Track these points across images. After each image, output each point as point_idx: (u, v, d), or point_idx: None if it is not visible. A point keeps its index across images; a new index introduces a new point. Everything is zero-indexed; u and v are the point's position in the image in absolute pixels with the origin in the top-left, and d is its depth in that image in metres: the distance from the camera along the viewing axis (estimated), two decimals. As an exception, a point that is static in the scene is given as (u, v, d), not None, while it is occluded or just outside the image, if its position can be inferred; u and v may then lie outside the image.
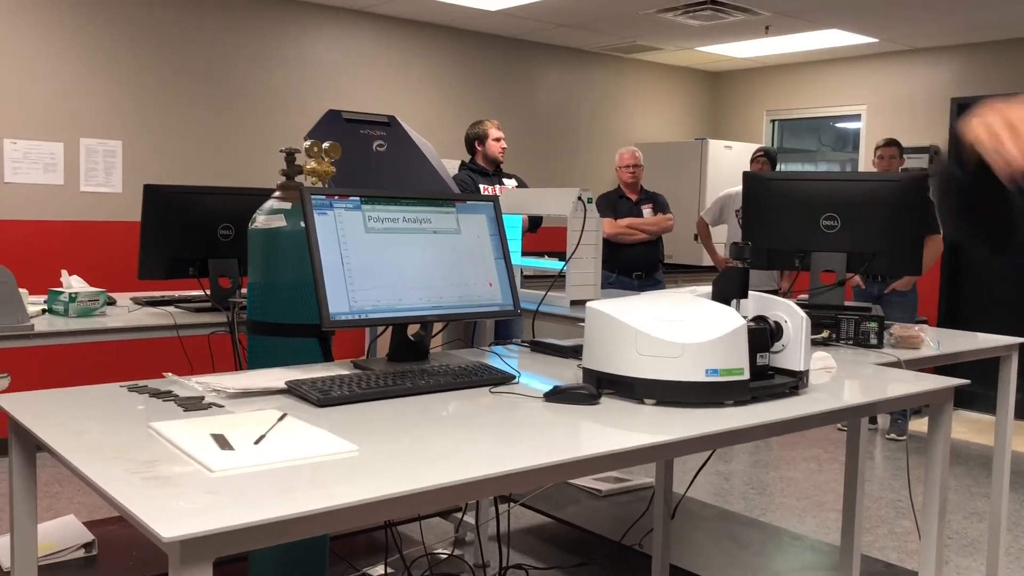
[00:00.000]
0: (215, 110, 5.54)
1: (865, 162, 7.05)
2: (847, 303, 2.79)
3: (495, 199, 2.19)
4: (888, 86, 7.07)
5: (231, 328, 2.62)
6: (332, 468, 1.25)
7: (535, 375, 1.96)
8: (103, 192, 5.15)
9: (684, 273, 6.83)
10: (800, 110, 7.71)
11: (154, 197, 2.84)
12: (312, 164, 2.42)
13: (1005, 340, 2.74)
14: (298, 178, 2.40)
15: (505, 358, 2.14)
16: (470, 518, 3.51)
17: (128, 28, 5.21)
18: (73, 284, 2.75)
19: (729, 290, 1.84)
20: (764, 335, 1.79)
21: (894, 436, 5.65)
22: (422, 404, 1.66)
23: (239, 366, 2.52)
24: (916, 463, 4.99)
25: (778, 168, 6.16)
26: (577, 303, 3.05)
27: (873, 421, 5.89)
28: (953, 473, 4.92)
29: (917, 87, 6.90)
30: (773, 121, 7.95)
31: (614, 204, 5.45)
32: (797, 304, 1.85)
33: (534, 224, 4.73)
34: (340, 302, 1.85)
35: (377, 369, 1.87)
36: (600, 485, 3.90)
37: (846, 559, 2.63)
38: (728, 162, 7.23)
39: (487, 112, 6.16)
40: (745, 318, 1.73)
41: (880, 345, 2.50)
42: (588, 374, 1.78)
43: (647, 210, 5.54)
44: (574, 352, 2.14)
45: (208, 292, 2.87)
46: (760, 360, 1.76)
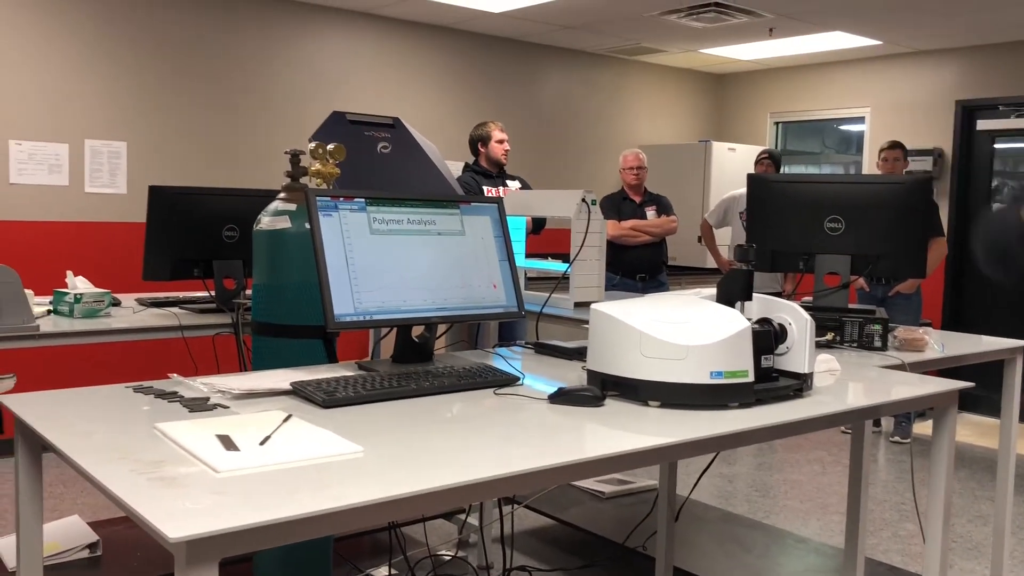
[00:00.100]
0: (219, 112, 5.56)
1: (869, 165, 7.04)
2: (851, 305, 2.79)
3: (499, 201, 2.19)
4: (892, 88, 7.06)
5: (236, 329, 2.62)
6: (337, 469, 1.26)
7: (539, 377, 1.97)
8: (108, 193, 5.16)
9: (688, 275, 6.82)
10: (804, 112, 7.70)
11: (159, 198, 2.85)
12: (317, 166, 2.43)
13: (1010, 343, 2.74)
14: (303, 180, 2.40)
15: (509, 360, 2.15)
16: (474, 520, 3.51)
17: (133, 30, 5.22)
18: (78, 285, 2.75)
19: (733, 292, 1.84)
20: (768, 337, 1.79)
21: (898, 439, 5.64)
22: (427, 405, 1.67)
23: (244, 367, 2.52)
24: (920, 466, 4.98)
25: (782, 170, 6.16)
26: (581, 305, 3.05)
27: (877, 424, 5.88)
28: (957, 476, 4.91)
29: (921, 89, 6.89)
30: (777, 123, 7.94)
31: (618, 206, 5.45)
32: (801, 306, 1.85)
33: (538, 226, 4.73)
34: (345, 303, 1.85)
35: (382, 370, 1.88)
36: (603, 487, 3.90)
37: (850, 562, 2.63)
38: (732, 164, 7.23)
39: (491, 114, 6.16)
40: (749, 320, 1.73)
41: (884, 348, 2.50)
42: (592, 376, 1.78)
43: (651, 212, 5.53)
44: (578, 354, 2.15)
45: (213, 293, 2.87)
46: (764, 362, 1.76)
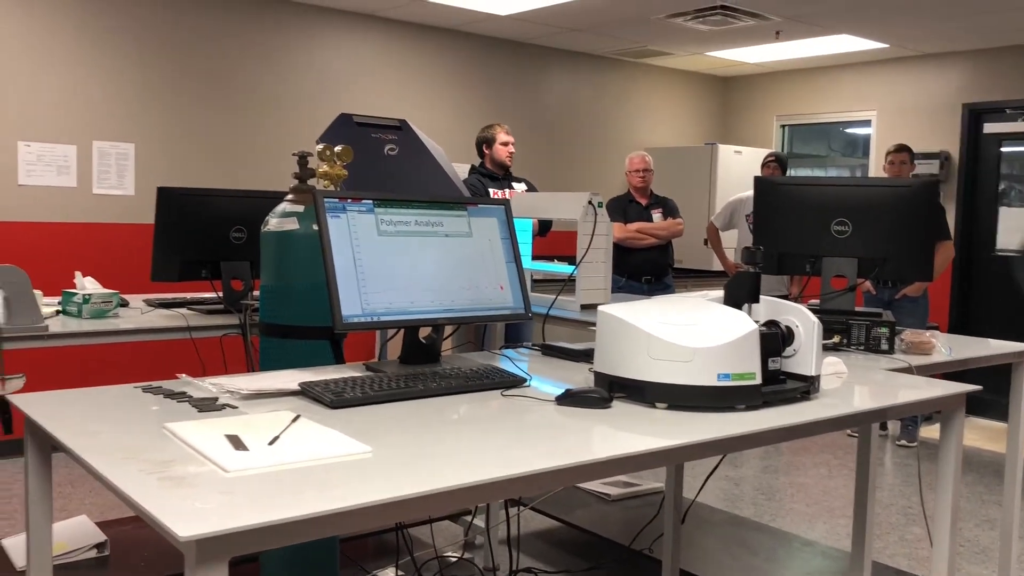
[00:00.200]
0: (227, 114, 5.57)
1: (875, 168, 7.03)
2: (858, 308, 2.79)
3: (506, 203, 2.20)
4: (899, 91, 7.06)
5: (243, 330, 2.63)
6: (346, 469, 1.26)
7: (546, 379, 1.97)
8: (116, 195, 5.18)
9: (694, 278, 6.82)
10: (810, 115, 7.70)
11: (168, 199, 2.86)
12: (324, 167, 2.43)
13: (1017, 347, 2.73)
14: (310, 181, 2.41)
15: (516, 361, 2.15)
16: (479, 521, 3.51)
17: (141, 32, 5.24)
18: (87, 285, 2.76)
19: (741, 294, 1.84)
20: (776, 340, 1.79)
21: (904, 442, 5.62)
22: (434, 406, 1.67)
23: (251, 368, 2.53)
24: (927, 470, 4.97)
25: (788, 173, 6.16)
26: (587, 307, 3.05)
27: (883, 427, 5.87)
28: (964, 480, 4.89)
29: (928, 92, 6.88)
30: (783, 126, 7.94)
31: (624, 208, 5.45)
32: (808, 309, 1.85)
33: (543, 228, 4.73)
34: (353, 304, 1.86)
35: (389, 371, 1.88)
36: (609, 489, 3.90)
37: (857, 565, 2.62)
38: (738, 167, 7.22)
39: (497, 116, 6.16)
40: (757, 322, 1.73)
41: (891, 351, 2.49)
42: (599, 378, 1.79)
43: (657, 214, 5.53)
44: (585, 356, 2.15)
45: (220, 294, 2.88)
46: (771, 365, 1.76)
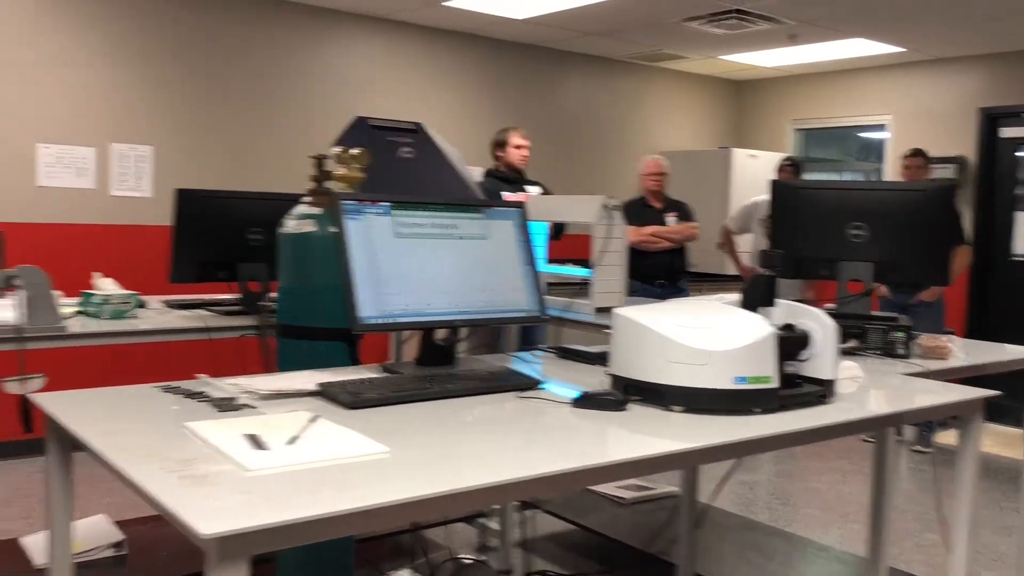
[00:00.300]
0: (244, 117, 5.60)
1: (890, 172, 7.00)
2: (874, 313, 2.78)
3: (522, 206, 2.20)
4: (914, 96, 7.02)
5: (261, 331, 2.64)
6: (365, 469, 1.27)
7: (561, 381, 1.97)
8: (133, 196, 5.22)
9: (708, 282, 6.80)
10: (825, 119, 7.67)
11: (187, 201, 2.88)
12: (342, 170, 2.45)
13: (1035, 352, 2.72)
14: (327, 184, 2.42)
15: (531, 364, 2.15)
16: (494, 524, 3.51)
17: (160, 36, 5.28)
18: (105, 286, 2.79)
19: (757, 298, 1.84)
20: (792, 343, 1.79)
21: (920, 448, 5.59)
22: (451, 408, 1.68)
23: (268, 369, 2.54)
24: (943, 476, 4.94)
25: (802, 178, 6.14)
26: (602, 310, 3.06)
27: (898, 433, 5.84)
28: (981, 486, 4.84)
29: (943, 97, 6.85)
30: (798, 130, 7.92)
31: (638, 212, 5.45)
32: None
33: (557, 231, 4.73)
34: (370, 306, 1.87)
35: (406, 373, 1.89)
36: (623, 493, 3.89)
37: (873, 570, 2.61)
38: (753, 171, 7.21)
39: (512, 120, 6.17)
40: (774, 326, 1.73)
41: (907, 355, 2.48)
42: (615, 381, 1.79)
43: (671, 218, 5.53)
44: (600, 359, 2.15)
45: (239, 295, 2.90)
46: (788, 368, 1.76)
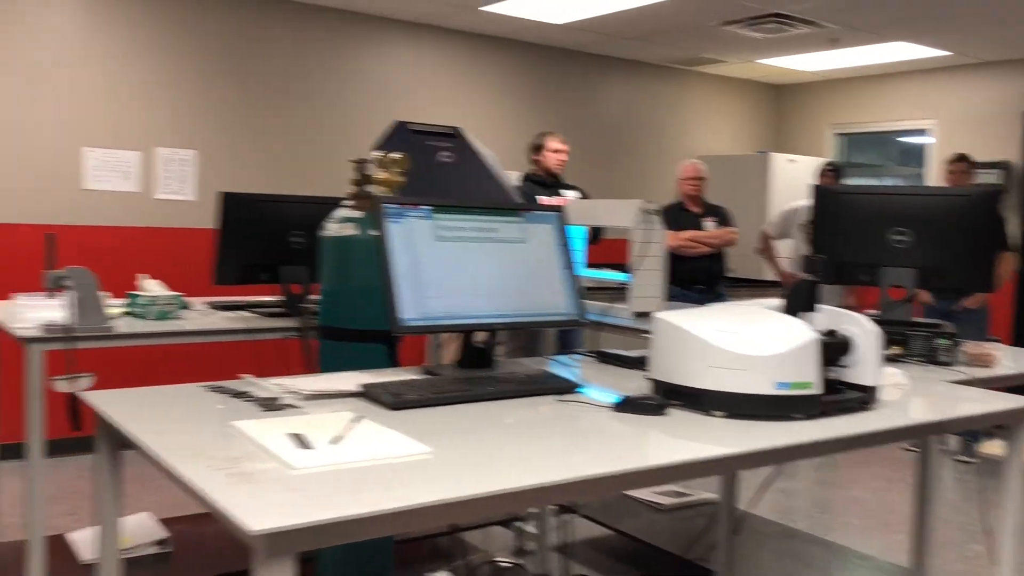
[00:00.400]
0: (285, 121, 5.68)
1: (935, 177, 6.90)
2: (917, 319, 2.74)
3: (561, 210, 2.21)
4: (959, 100, 6.92)
5: (302, 333, 2.68)
6: (408, 469, 1.28)
7: (599, 385, 1.97)
8: (177, 200, 5.31)
9: (746, 287, 6.75)
10: (866, 124, 7.58)
11: (232, 204, 2.93)
12: (382, 174, 2.47)
13: (1084, 360, 2.66)
14: (368, 188, 2.45)
15: (569, 367, 2.16)
16: (531, 527, 3.52)
17: (202, 42, 5.37)
18: (151, 288, 2.84)
19: (800, 303, 1.83)
20: (834, 349, 1.78)
21: (964, 458, 5.50)
22: (491, 410, 1.68)
23: (310, 370, 2.57)
24: (987, 487, 4.85)
25: (842, 182, 6.07)
26: (641, 315, 3.05)
27: (942, 442, 5.74)
28: (1025, 497, 4.76)
29: (989, 101, 6.74)
30: (838, 135, 7.83)
31: (676, 217, 5.42)
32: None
33: (595, 236, 4.73)
34: (411, 308, 1.89)
35: (446, 375, 1.90)
36: (662, 499, 3.88)
37: (914, 580, 2.58)
38: (792, 175, 7.14)
39: (550, 124, 6.18)
40: (816, 331, 1.72)
41: (952, 363, 2.45)
42: (655, 385, 1.79)
43: (709, 223, 5.50)
44: (639, 363, 2.15)
45: (281, 297, 2.94)
46: (830, 374, 1.75)
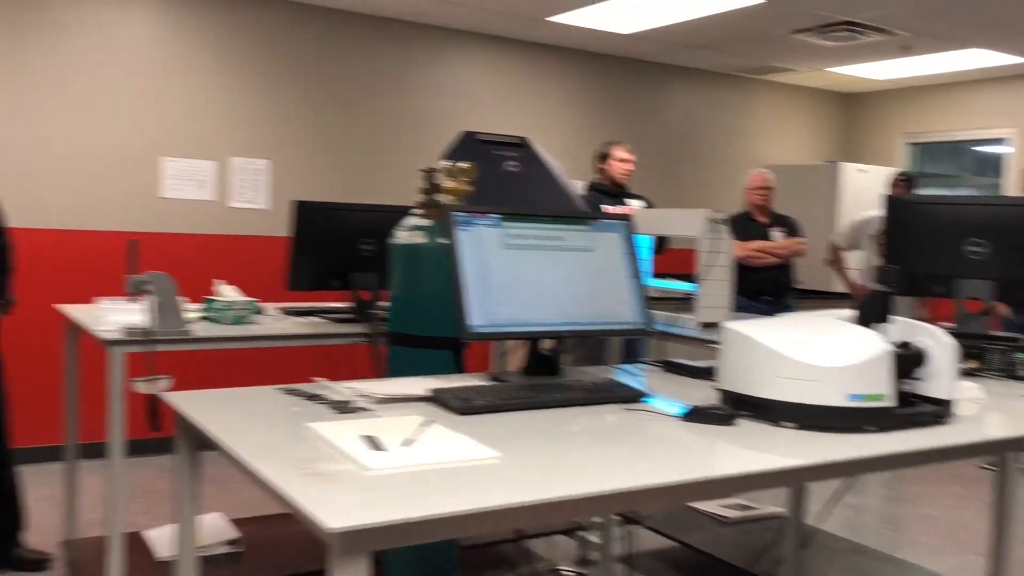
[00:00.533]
0: (355, 131, 5.79)
1: (1013, 187, 6.69)
2: (994, 333, 2.67)
3: (628, 219, 2.22)
4: (1039, 107, 6.71)
5: (371, 338, 2.73)
6: (477, 473, 1.30)
7: (666, 395, 1.97)
8: (251, 208, 5.46)
9: (815, 299, 6.62)
10: (939, 133, 7.39)
11: (305, 213, 3.00)
12: (451, 183, 2.51)
13: None
14: (436, 196, 2.49)
15: (635, 376, 2.16)
16: (594, 537, 3.51)
17: (276, 55, 5.51)
18: (228, 293, 2.93)
19: (872, 314, 1.80)
20: (908, 361, 1.75)
21: (1042, 477, 5.31)
22: (558, 417, 1.70)
23: (379, 375, 2.62)
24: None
25: (915, 193, 5.93)
26: (708, 325, 3.03)
27: (1019, 460, 5.55)
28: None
29: (1071, 108, 6.52)
30: (909, 144, 7.65)
31: (743, 227, 5.36)
32: (944, 331, 1.80)
33: (660, 245, 4.71)
34: (479, 315, 1.91)
35: (513, 382, 1.92)
36: (727, 512, 3.83)
37: (990, 601, 2.51)
38: (862, 185, 7.00)
39: (616, 134, 6.17)
40: (889, 342, 1.70)
41: (1031, 378, 2.38)
42: (724, 395, 1.78)
43: (777, 233, 5.43)
44: (706, 373, 2.14)
45: (351, 303, 3.00)
46: (903, 387, 1.72)
